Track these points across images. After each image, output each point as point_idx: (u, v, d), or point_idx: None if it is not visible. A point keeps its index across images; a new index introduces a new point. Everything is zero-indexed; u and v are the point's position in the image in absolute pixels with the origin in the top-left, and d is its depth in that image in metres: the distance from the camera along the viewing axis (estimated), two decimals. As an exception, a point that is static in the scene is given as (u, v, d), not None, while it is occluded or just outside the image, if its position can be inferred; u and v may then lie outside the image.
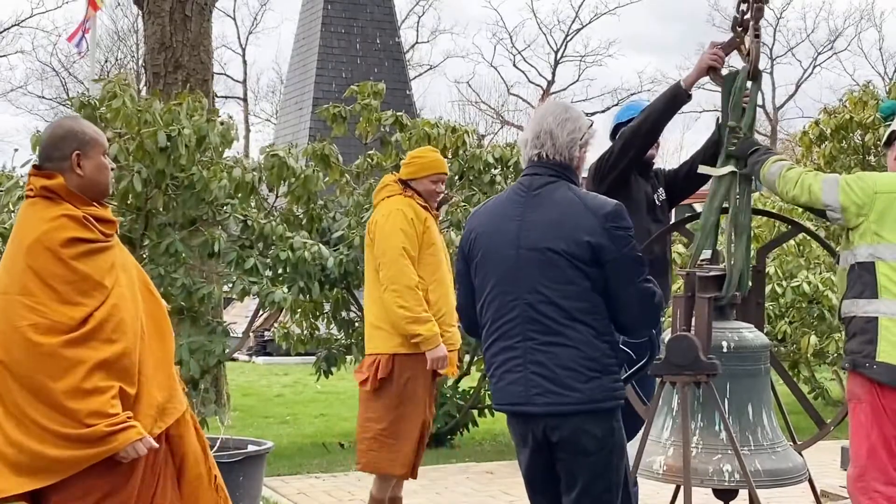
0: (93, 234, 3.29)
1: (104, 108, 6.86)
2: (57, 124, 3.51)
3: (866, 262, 4.18)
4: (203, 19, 10.55)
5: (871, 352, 4.10)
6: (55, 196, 3.30)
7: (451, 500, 6.89)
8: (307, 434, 10.03)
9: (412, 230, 5.43)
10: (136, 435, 3.16)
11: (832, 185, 4.28)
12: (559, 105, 3.87)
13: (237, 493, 5.41)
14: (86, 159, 3.36)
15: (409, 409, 5.47)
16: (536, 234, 3.66)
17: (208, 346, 6.95)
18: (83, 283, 3.21)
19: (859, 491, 4.17)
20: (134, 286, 3.38)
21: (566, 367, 3.61)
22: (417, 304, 5.36)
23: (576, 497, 3.73)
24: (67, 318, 3.15)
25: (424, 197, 5.62)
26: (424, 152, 5.93)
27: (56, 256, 3.19)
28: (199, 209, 6.99)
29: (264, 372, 16.49)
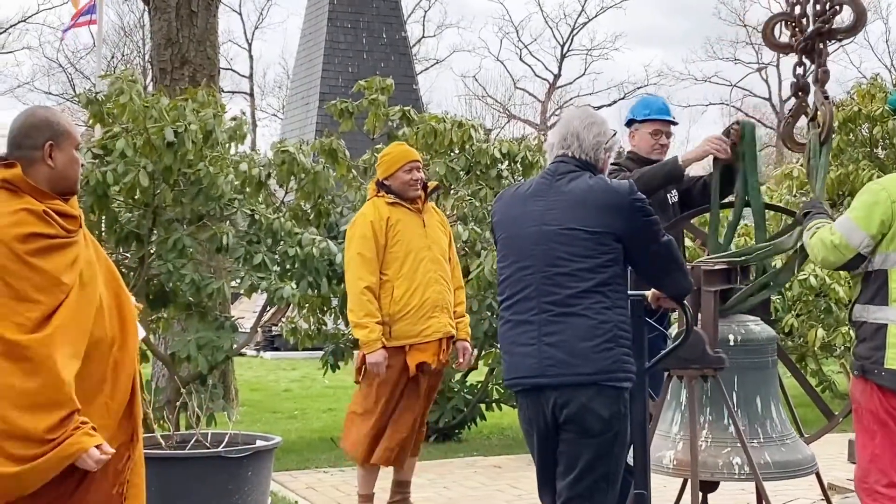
0: (53, 229, 3.14)
1: (111, 104, 6.87)
2: (31, 112, 3.34)
3: (880, 270, 4.14)
4: (209, 14, 10.53)
5: (880, 358, 4.09)
6: (16, 189, 3.16)
7: (460, 494, 6.90)
8: (315, 429, 10.04)
9: (370, 232, 5.72)
10: (93, 443, 3.04)
11: (849, 227, 4.14)
12: (585, 110, 4.08)
13: (245, 488, 5.42)
14: (58, 151, 3.22)
15: (368, 400, 5.81)
16: (559, 212, 3.82)
17: (216, 341, 6.97)
18: (41, 280, 3.06)
19: (864, 492, 4.19)
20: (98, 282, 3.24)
21: (580, 338, 3.71)
22: (360, 308, 5.70)
23: (572, 480, 3.78)
24: (24, 317, 3.02)
25: (400, 192, 5.86)
26: (391, 148, 6.19)
27: (12, 252, 3.04)
28: (206, 205, 7.00)
29: (272, 367, 16.51)
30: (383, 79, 9.16)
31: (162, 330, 7.79)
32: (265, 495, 5.66)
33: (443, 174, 8.71)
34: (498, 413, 9.13)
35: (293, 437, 9.15)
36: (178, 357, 7.02)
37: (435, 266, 5.84)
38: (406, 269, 5.76)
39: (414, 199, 5.90)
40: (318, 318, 8.83)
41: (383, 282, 5.77)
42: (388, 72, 17.73)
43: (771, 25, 4.99)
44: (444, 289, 5.87)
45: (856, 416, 4.25)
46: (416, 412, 5.88)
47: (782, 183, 10.75)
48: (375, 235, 5.73)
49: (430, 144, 8.85)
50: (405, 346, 5.77)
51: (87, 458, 3.04)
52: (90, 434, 3.05)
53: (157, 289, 7.20)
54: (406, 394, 5.84)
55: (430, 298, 5.77)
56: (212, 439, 5.66)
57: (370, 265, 5.72)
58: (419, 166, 5.97)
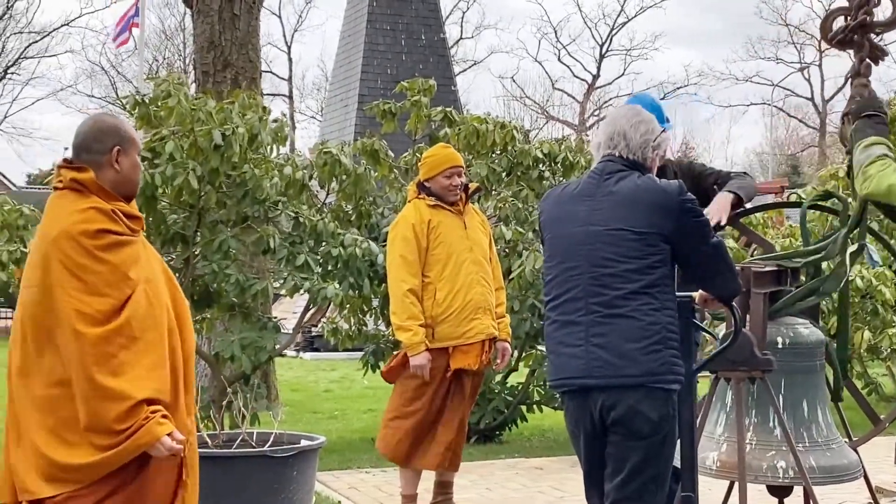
0: (120, 227, 3.27)
1: (157, 107, 6.92)
2: (99, 118, 3.50)
3: None
4: (251, 17, 10.60)
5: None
6: (84, 189, 3.29)
7: (501, 496, 6.91)
8: (356, 429, 10.07)
9: (412, 235, 5.76)
10: (164, 431, 3.14)
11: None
12: (631, 108, 4.04)
13: (291, 487, 5.45)
14: (124, 156, 3.36)
15: (409, 401, 5.84)
16: (606, 213, 3.79)
17: (259, 341, 7.01)
18: (110, 275, 3.18)
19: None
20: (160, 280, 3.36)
21: (628, 339, 3.69)
22: (404, 311, 5.73)
23: (620, 482, 3.76)
24: (94, 309, 3.13)
25: (440, 195, 5.89)
26: (435, 150, 6.20)
27: (83, 247, 3.17)
28: (251, 207, 7.04)
29: (312, 367, 16.58)
30: (426, 80, 9.17)
31: (206, 330, 7.85)
32: (310, 494, 5.69)
33: (484, 175, 8.73)
34: (539, 414, 9.12)
35: (334, 438, 9.18)
36: (222, 357, 7.07)
37: (477, 268, 5.87)
38: (448, 272, 5.79)
39: (454, 202, 5.93)
40: (359, 318, 8.87)
41: (425, 284, 5.80)
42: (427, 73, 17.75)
43: (830, 21, 4.93)
44: (486, 290, 5.90)
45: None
46: (461, 413, 5.92)
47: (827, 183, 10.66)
48: (417, 238, 5.77)
49: (471, 145, 8.87)
50: (448, 347, 5.80)
51: (159, 445, 3.14)
52: (161, 423, 3.15)
53: (202, 289, 7.26)
54: (450, 395, 5.87)
55: (472, 300, 5.80)
56: (257, 439, 5.70)
57: (412, 267, 5.76)
58: (461, 171, 5.99)
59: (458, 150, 8.87)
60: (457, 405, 5.88)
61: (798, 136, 52.25)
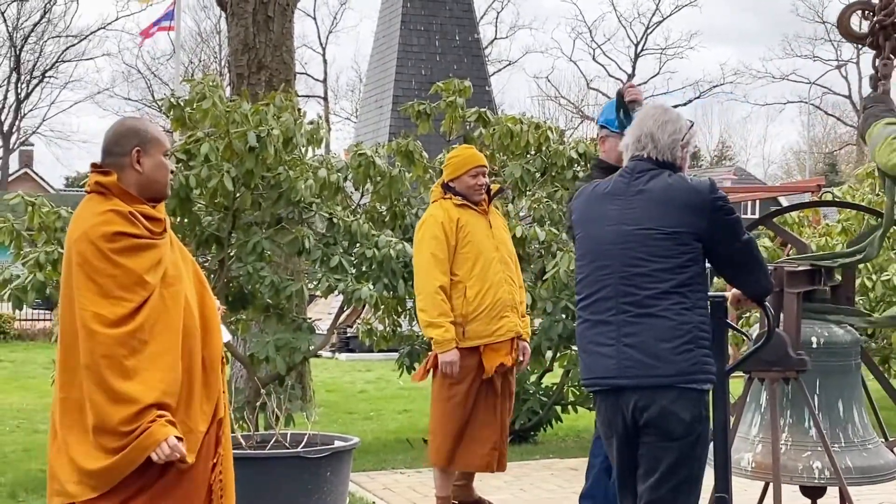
0: (138, 229, 3.26)
1: (192, 109, 6.97)
2: (121, 122, 3.52)
3: None
4: (285, 20, 10.66)
5: None
6: (107, 192, 3.31)
7: (536, 497, 6.91)
8: (391, 430, 10.11)
9: (442, 234, 5.80)
10: (165, 435, 3.13)
11: None
12: (658, 107, 4.01)
13: (325, 487, 5.48)
14: (146, 156, 3.36)
15: (446, 403, 5.86)
16: (638, 212, 3.78)
17: (294, 342, 7.04)
18: (125, 278, 3.18)
19: None
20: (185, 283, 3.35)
21: (660, 339, 3.68)
22: (434, 308, 5.75)
23: (654, 483, 3.74)
24: (108, 312, 3.14)
25: (466, 194, 5.95)
26: (459, 151, 6.27)
27: (99, 250, 3.17)
28: (286, 209, 7.08)
29: (347, 368, 16.65)
30: (461, 81, 9.18)
31: (240, 331, 7.89)
32: (344, 495, 5.72)
33: (518, 176, 8.72)
34: (574, 415, 9.11)
35: (369, 438, 9.21)
36: (257, 358, 7.11)
37: (503, 267, 5.93)
38: (478, 270, 5.84)
39: (479, 202, 5.99)
40: (394, 319, 8.89)
41: (454, 282, 5.84)
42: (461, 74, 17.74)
43: (848, 14, 4.89)
44: (513, 289, 5.96)
45: None
46: (499, 410, 5.94)
47: (864, 181, 10.58)
48: (447, 236, 5.81)
49: (505, 146, 8.87)
50: (479, 346, 5.83)
51: (160, 450, 3.13)
52: (164, 426, 3.14)
53: (237, 291, 7.30)
54: (484, 395, 5.89)
55: (501, 298, 5.85)
56: (291, 440, 5.73)
57: (442, 265, 5.80)
58: (485, 171, 6.05)
59: (492, 151, 8.92)
60: (492, 403, 5.91)
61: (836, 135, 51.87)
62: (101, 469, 3.14)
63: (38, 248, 6.86)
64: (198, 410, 3.30)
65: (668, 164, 3.88)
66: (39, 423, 10.38)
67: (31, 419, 10.85)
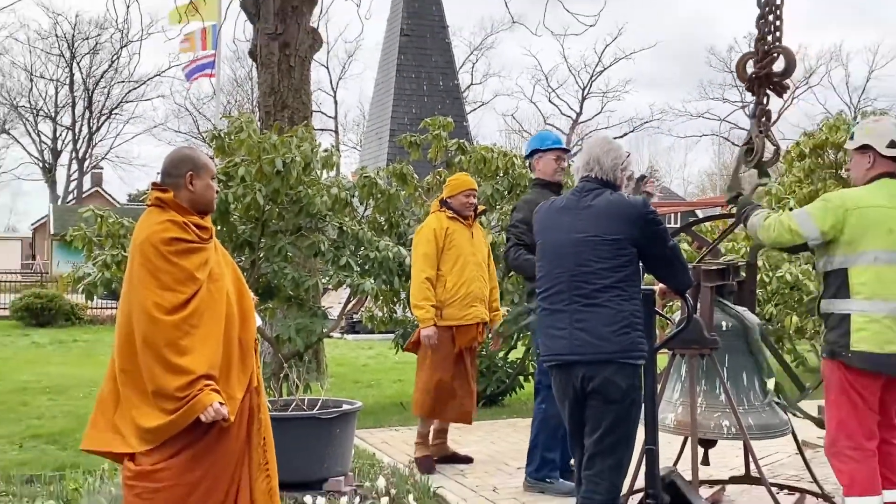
0: (190, 236, 3.26)
1: (231, 140, 6.94)
2: (178, 150, 3.51)
3: (840, 269, 4.05)
4: (304, 69, 10.60)
5: (846, 343, 4.01)
6: (164, 205, 3.30)
7: (503, 448, 6.91)
8: (388, 395, 10.08)
9: (433, 237, 6.02)
10: (212, 400, 3.12)
11: (805, 218, 4.10)
12: (603, 139, 4.02)
13: (335, 442, 5.46)
14: (197, 179, 3.35)
15: (428, 367, 6.07)
16: (586, 223, 3.78)
17: (311, 326, 7.01)
18: (180, 274, 3.17)
19: (833, 455, 4.10)
20: (226, 280, 3.34)
21: (603, 324, 3.68)
22: (420, 294, 5.99)
23: (598, 437, 3.75)
24: (166, 301, 3.13)
25: (459, 209, 6.19)
26: (458, 176, 6.49)
27: (159, 251, 3.17)
28: (305, 219, 7.06)
29: (353, 346, 16.59)
30: (444, 118, 9.19)
31: (268, 317, 7.87)
32: (350, 448, 5.70)
33: (490, 193, 8.73)
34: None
35: (370, 402, 9.19)
36: (281, 338, 7.08)
37: (477, 268, 6.12)
38: (457, 268, 6.03)
39: (467, 217, 6.15)
40: (390, 307, 8.88)
41: (439, 275, 6.03)
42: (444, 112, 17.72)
43: (743, 62, 4.91)
44: (483, 285, 6.15)
45: (826, 391, 4.17)
46: (467, 378, 6.15)
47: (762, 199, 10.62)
48: (437, 240, 6.02)
49: (480, 170, 8.89)
50: (452, 326, 6.03)
51: (210, 410, 3.13)
52: (210, 394, 3.14)
53: (265, 285, 7.27)
54: (455, 364, 6.10)
55: (472, 291, 6.05)
56: (308, 404, 5.70)
57: (431, 261, 5.99)
58: (475, 193, 6.26)
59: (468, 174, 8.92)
60: (463, 371, 6.12)
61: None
62: (158, 427, 3.14)
63: (106, 252, 6.82)
64: (235, 381, 3.28)
65: (610, 183, 3.88)
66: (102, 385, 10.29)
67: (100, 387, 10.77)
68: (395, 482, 5.22)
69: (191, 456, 3.19)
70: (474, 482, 5.81)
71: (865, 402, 4.05)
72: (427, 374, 6.07)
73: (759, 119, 4.79)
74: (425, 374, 6.09)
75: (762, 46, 4.71)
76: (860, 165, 4.20)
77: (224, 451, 3.26)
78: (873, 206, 4.04)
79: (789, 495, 5.10)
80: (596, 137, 4.11)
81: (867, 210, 4.02)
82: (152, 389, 3.12)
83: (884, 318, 3.98)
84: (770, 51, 4.70)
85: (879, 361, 3.98)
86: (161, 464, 3.17)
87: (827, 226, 4.04)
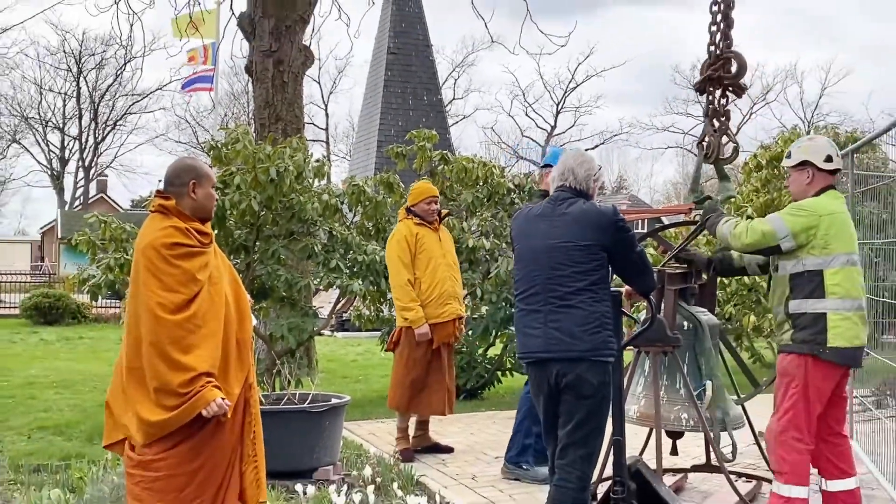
0: (191, 241, 3.24)
1: (228, 150, 6.92)
2: (181, 160, 3.49)
3: (815, 271, 4.05)
4: (296, 84, 10.56)
5: (823, 339, 4.01)
6: (167, 212, 3.29)
7: (482, 438, 6.91)
8: (374, 390, 10.05)
9: (405, 243, 6.04)
10: (215, 396, 3.11)
11: (778, 222, 4.12)
12: (578, 152, 4.02)
13: (325, 434, 5.45)
14: (199, 188, 3.34)
15: (404, 364, 6.06)
16: (561, 230, 3.77)
17: (302, 325, 6.99)
18: (181, 276, 3.16)
19: (780, 444, 4.11)
20: (224, 281, 3.32)
21: (576, 324, 3.67)
22: (406, 296, 5.97)
23: (571, 430, 3.74)
24: (169, 302, 3.12)
25: (423, 216, 6.19)
26: (418, 185, 6.48)
27: (161, 255, 3.16)
28: (297, 224, 7.05)
29: (342, 344, 16.54)
30: (428, 130, 9.19)
31: (262, 316, 7.84)
32: (339, 439, 5.69)
33: (470, 201, 8.73)
34: (510, 378, 9.12)
35: (358, 396, 9.16)
36: (274, 336, 7.06)
37: (448, 268, 6.14)
38: (429, 270, 6.04)
39: (432, 222, 6.17)
40: (377, 307, 8.85)
41: (414, 278, 6.01)
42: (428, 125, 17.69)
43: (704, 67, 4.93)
44: (455, 284, 6.17)
45: (784, 387, 4.15)
46: (445, 375, 6.12)
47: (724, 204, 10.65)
48: (409, 246, 6.03)
49: (461, 178, 8.88)
50: (430, 325, 6.03)
51: (212, 405, 3.11)
52: (212, 390, 3.12)
53: (259, 286, 7.24)
54: (433, 359, 6.08)
55: (446, 290, 6.06)
56: (299, 398, 5.69)
57: (407, 266, 6.00)
58: (436, 200, 6.26)
59: (451, 182, 8.92)
60: (440, 365, 6.09)
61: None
62: (160, 421, 3.11)
63: (109, 255, 6.78)
64: (233, 378, 3.27)
65: (583, 192, 3.87)
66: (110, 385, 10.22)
67: (105, 382, 10.68)
68: (380, 471, 5.21)
69: (189, 447, 3.18)
70: (455, 471, 5.81)
71: (821, 397, 4.07)
72: (403, 371, 6.05)
73: (711, 119, 4.83)
74: (401, 371, 6.07)
75: (714, 50, 4.75)
76: (799, 181, 4.26)
77: (220, 443, 3.24)
78: (838, 212, 4.11)
79: (747, 482, 5.12)
80: (571, 151, 4.12)
81: (836, 216, 4.09)
82: (155, 386, 3.10)
83: (852, 315, 4.03)
84: (721, 55, 4.73)
85: (849, 355, 4.04)
86: (160, 454, 3.15)
87: (798, 228, 4.07)
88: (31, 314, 20.30)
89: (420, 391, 6.05)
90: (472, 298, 8.32)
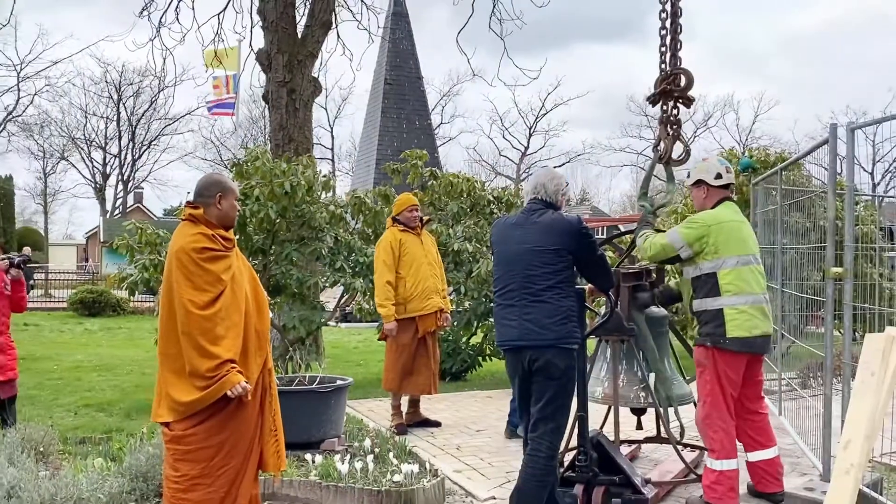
0: (217, 245, 3.23)
1: (248, 166, 6.90)
2: (209, 175, 3.48)
3: (710, 273, 4.06)
4: (307, 110, 10.55)
5: (723, 332, 4.01)
6: (196, 220, 3.27)
7: (466, 414, 6.90)
8: (373, 372, 10.00)
9: (390, 248, 6.01)
10: (239, 379, 3.10)
11: (674, 235, 4.15)
12: (548, 170, 4.05)
13: (330, 411, 5.42)
14: (225, 200, 3.32)
15: (394, 350, 6.05)
16: (533, 236, 3.78)
17: (311, 317, 6.99)
18: (209, 276, 3.15)
19: (707, 426, 4.09)
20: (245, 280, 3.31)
21: (546, 316, 3.68)
22: (382, 295, 5.96)
23: (541, 407, 3.75)
24: (199, 299, 3.11)
25: (406, 223, 6.18)
26: (401, 196, 6.44)
27: (191, 258, 3.15)
28: (307, 231, 7.03)
29: (346, 333, 16.48)
30: (420, 150, 9.20)
31: (277, 309, 7.82)
32: (343, 415, 5.66)
33: (455, 211, 8.73)
34: (490, 363, 9.12)
35: (359, 378, 9.12)
36: (287, 327, 7.05)
37: (429, 267, 6.12)
38: (413, 270, 6.02)
39: (414, 227, 6.14)
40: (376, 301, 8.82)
41: (400, 277, 6.01)
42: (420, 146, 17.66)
43: None
44: (437, 281, 6.15)
45: (699, 375, 4.14)
46: (430, 355, 6.13)
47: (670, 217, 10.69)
48: (393, 250, 6.00)
49: (448, 192, 8.88)
50: (416, 316, 6.02)
51: (237, 387, 3.11)
52: (236, 375, 3.12)
53: (274, 284, 7.23)
54: (419, 346, 6.08)
55: (428, 286, 6.05)
56: (308, 380, 5.66)
57: (390, 268, 5.97)
58: (418, 208, 6.22)
59: (439, 195, 8.92)
60: (425, 352, 6.09)
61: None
62: (191, 401, 3.11)
63: (145, 256, 6.75)
64: (253, 363, 3.27)
65: (552, 204, 3.89)
66: (146, 368, 10.17)
67: (141, 366, 10.63)
68: (378, 443, 5.20)
69: (214, 423, 3.17)
70: (442, 442, 5.80)
71: (732, 383, 4.05)
72: (394, 357, 6.05)
73: (665, 125, 4.85)
74: (392, 356, 6.06)
75: (665, 68, 4.77)
76: (698, 197, 4.32)
77: (242, 418, 3.24)
78: (727, 220, 4.12)
79: (691, 452, 5.13)
80: (542, 169, 4.14)
81: (725, 224, 4.09)
82: (189, 370, 3.10)
83: (748, 308, 4.02)
84: (672, 71, 4.75)
85: (748, 343, 4.01)
86: (190, 430, 3.14)
87: (692, 239, 4.09)
88: (77, 307, 20.17)
89: (409, 374, 6.04)
90: (457, 294, 8.32)
